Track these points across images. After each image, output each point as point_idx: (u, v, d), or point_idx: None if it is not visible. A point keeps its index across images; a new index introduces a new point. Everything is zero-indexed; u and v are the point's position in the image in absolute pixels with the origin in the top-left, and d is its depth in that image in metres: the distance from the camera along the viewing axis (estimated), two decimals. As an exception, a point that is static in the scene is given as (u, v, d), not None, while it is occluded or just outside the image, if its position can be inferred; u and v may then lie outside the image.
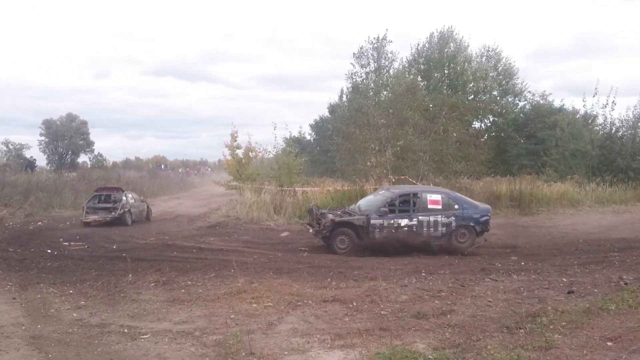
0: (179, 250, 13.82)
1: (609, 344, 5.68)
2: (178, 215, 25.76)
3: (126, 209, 20.70)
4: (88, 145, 63.31)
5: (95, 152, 64.06)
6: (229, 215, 22.00)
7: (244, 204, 22.92)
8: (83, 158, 63.90)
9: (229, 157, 31.73)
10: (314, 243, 15.22)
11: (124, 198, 21.02)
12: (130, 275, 10.09)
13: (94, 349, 6.05)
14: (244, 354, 5.67)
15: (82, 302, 8.29)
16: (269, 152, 31.23)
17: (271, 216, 21.26)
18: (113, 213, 20.32)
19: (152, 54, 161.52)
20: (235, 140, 31.21)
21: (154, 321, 7.18)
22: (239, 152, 31.02)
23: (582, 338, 5.89)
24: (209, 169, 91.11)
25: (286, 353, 5.74)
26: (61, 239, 15.93)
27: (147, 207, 23.25)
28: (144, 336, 6.46)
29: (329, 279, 9.76)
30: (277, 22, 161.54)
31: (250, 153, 31.21)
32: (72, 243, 15.20)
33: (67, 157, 61.84)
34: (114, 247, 14.73)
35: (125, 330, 6.71)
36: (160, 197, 38.58)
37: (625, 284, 8.63)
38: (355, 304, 7.77)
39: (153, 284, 9.40)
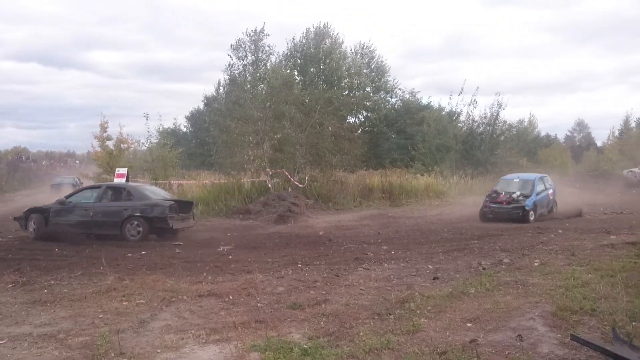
0: (41, 248, 12.88)
1: (468, 324, 6.11)
2: (41, 210, 24.02)
3: None
4: None
5: (-57, 143, 58.01)
6: (98, 210, 20.84)
7: (115, 198, 21.86)
8: None
9: (98, 149, 30.06)
10: (189, 237, 14.89)
11: None
12: (-17, 276, 9.25)
13: (-61, 359, 5.48)
14: (113, 354, 5.41)
15: None
16: (143, 144, 30.04)
17: (144, 210, 20.44)
18: None
19: (14, 36, 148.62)
20: (106, 131, 29.59)
21: (11, 325, 6.63)
22: (110, 144, 29.49)
23: (445, 320, 6.29)
24: (77, 162, 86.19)
25: (159, 351, 5.55)
26: None
27: None
28: (0, 342, 5.95)
29: (204, 274, 9.59)
30: (157, 8, 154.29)
31: (121, 145, 29.76)
32: None
33: None
34: (-35, 246, 13.44)
35: (-22, 337, 6.13)
36: (21, 191, 35.77)
37: (484, 269, 9.35)
38: (231, 297, 7.71)
39: (11, 285, 8.68)
